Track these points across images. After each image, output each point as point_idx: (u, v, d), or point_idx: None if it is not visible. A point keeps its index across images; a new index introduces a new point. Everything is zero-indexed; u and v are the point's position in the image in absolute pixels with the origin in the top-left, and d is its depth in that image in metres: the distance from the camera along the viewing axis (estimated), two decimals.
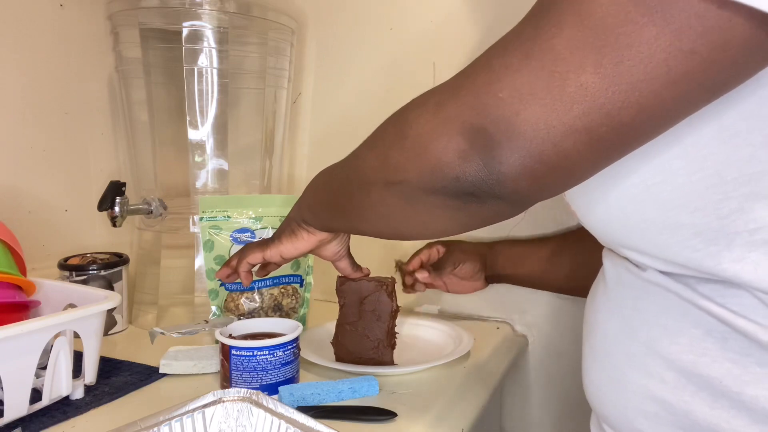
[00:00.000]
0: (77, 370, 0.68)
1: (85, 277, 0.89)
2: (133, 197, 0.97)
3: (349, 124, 1.11)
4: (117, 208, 0.90)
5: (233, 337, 0.72)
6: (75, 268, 0.89)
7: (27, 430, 0.61)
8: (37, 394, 0.63)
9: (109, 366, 0.78)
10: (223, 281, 0.79)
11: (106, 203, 0.89)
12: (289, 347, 0.70)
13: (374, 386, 0.71)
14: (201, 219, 0.87)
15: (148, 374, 0.76)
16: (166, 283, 0.98)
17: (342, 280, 0.79)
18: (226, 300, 0.87)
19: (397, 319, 0.80)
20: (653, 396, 0.44)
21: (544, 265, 0.90)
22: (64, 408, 0.66)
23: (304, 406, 0.66)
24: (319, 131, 1.16)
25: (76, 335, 0.66)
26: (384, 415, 0.65)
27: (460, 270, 0.93)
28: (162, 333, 0.75)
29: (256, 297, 0.87)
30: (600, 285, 0.52)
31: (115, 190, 0.90)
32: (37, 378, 0.63)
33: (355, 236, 0.71)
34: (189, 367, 0.76)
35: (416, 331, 0.92)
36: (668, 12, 0.31)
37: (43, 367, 0.63)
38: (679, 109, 0.35)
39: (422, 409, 0.68)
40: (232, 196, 0.95)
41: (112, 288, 0.90)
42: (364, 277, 0.78)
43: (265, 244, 0.72)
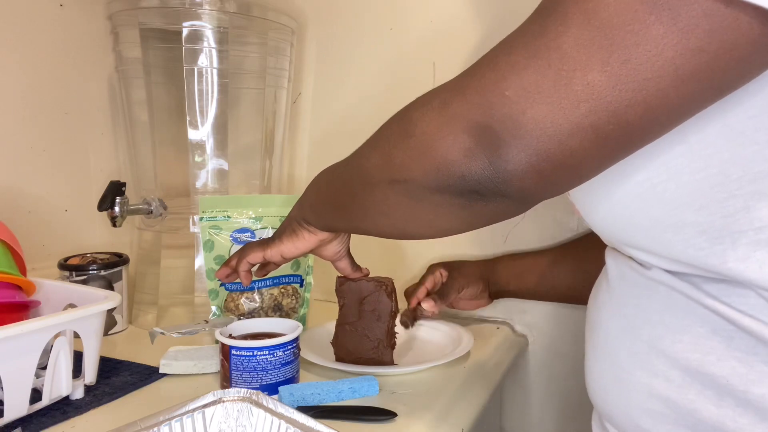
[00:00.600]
0: (77, 370, 0.68)
1: (85, 277, 0.89)
2: (133, 197, 0.97)
3: (349, 124, 1.11)
4: (117, 208, 0.90)
5: (233, 337, 0.72)
6: (75, 268, 0.89)
7: (27, 430, 0.61)
8: (37, 394, 0.63)
9: (109, 366, 0.77)
10: (223, 281, 0.79)
11: (106, 203, 0.89)
12: (289, 347, 0.70)
13: (374, 386, 0.71)
14: (201, 219, 0.86)
15: (148, 374, 0.76)
16: (166, 283, 0.98)
17: (342, 280, 0.79)
18: (226, 300, 0.86)
19: (397, 319, 0.79)
20: (658, 394, 0.44)
21: (546, 277, 0.91)
22: (64, 408, 0.66)
23: (304, 406, 0.66)
24: (319, 131, 1.16)
25: (76, 335, 0.65)
26: (384, 415, 0.65)
27: (464, 294, 0.94)
28: (162, 333, 0.75)
29: (256, 297, 0.87)
30: (602, 283, 0.52)
31: (115, 190, 0.90)
32: (37, 378, 0.63)
33: (355, 236, 0.71)
34: (189, 367, 0.76)
35: (416, 331, 0.92)
36: (675, 10, 0.31)
37: (43, 367, 0.63)
38: (685, 108, 0.35)
39: (422, 409, 0.68)
40: (232, 196, 0.94)
41: (112, 288, 0.90)
42: (364, 277, 0.78)
43: (266, 243, 0.72)
